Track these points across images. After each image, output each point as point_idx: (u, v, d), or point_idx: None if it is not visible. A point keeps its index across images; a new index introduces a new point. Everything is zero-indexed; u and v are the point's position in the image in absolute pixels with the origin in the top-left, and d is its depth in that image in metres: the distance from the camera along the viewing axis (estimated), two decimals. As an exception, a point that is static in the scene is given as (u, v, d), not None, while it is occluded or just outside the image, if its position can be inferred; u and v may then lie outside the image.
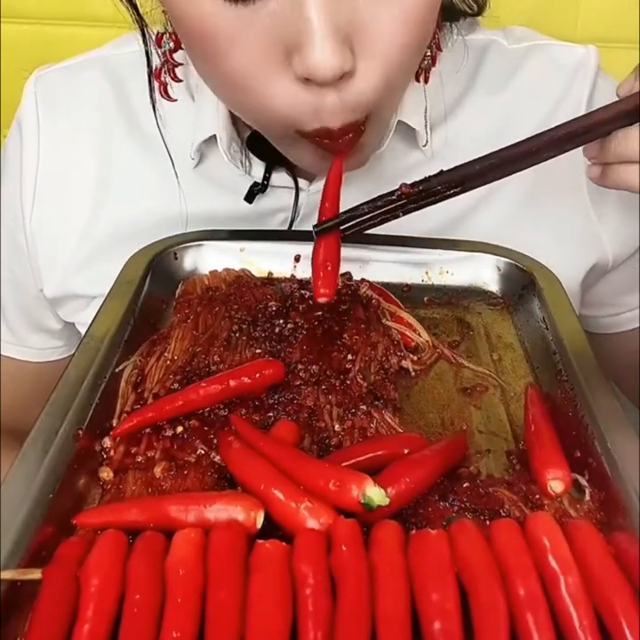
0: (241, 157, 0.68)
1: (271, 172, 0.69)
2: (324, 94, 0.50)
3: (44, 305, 0.79)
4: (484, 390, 0.54)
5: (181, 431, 0.47)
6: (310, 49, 0.46)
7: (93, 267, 0.74)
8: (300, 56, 0.47)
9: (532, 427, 0.48)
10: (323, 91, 0.50)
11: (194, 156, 0.69)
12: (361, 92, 0.51)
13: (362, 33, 0.49)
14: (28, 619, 0.35)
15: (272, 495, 0.40)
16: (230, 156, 0.68)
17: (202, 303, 0.60)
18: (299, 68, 0.48)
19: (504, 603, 0.35)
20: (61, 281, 0.75)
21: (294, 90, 0.50)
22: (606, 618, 0.34)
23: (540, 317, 0.59)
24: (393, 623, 0.34)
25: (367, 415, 0.49)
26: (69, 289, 0.75)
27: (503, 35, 0.73)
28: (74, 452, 0.43)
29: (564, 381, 0.51)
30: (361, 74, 0.50)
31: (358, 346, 0.55)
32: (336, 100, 0.50)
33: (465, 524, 0.40)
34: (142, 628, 0.34)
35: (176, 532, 0.38)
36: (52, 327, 0.82)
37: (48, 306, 0.79)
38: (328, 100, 0.50)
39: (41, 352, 0.84)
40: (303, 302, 0.58)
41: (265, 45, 0.48)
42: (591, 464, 0.44)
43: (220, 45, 0.49)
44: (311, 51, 0.46)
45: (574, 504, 0.42)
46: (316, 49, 0.46)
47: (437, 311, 0.64)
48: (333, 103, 0.50)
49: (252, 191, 0.69)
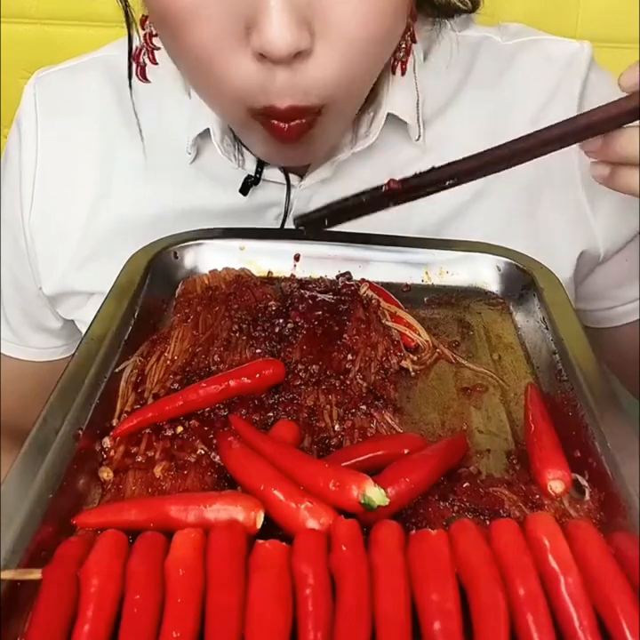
0: (234, 151, 0.69)
1: (263, 166, 0.69)
2: (276, 72, 0.50)
3: (44, 304, 0.79)
4: (484, 390, 0.54)
5: (181, 431, 0.47)
6: (266, 25, 0.47)
7: (92, 263, 0.74)
8: (257, 32, 0.48)
9: (532, 427, 0.48)
10: (276, 68, 0.50)
11: (190, 151, 0.70)
12: (316, 76, 0.51)
13: (322, 16, 0.49)
14: (28, 619, 0.35)
15: (272, 495, 0.40)
16: (223, 149, 0.68)
17: (202, 303, 0.60)
18: (255, 43, 0.49)
19: (504, 603, 0.35)
20: (60, 278, 0.75)
21: (250, 66, 0.51)
22: (606, 618, 0.34)
23: (539, 317, 0.59)
24: (393, 623, 0.34)
25: (367, 415, 0.49)
26: (68, 286, 0.75)
27: (497, 31, 0.73)
28: (74, 452, 0.43)
29: (563, 381, 0.51)
30: (318, 58, 0.51)
31: (358, 346, 0.55)
32: (287, 78, 0.51)
33: (465, 523, 0.40)
34: (142, 628, 0.34)
35: (176, 532, 0.38)
36: (52, 326, 0.82)
37: (48, 305, 0.79)
38: (279, 77, 0.51)
39: (41, 352, 0.84)
40: (303, 302, 0.58)
41: (225, 22, 0.49)
42: (591, 464, 0.44)
43: (182, 22, 0.50)
44: (267, 26, 0.47)
45: (574, 504, 0.42)
46: (271, 25, 0.47)
47: (437, 311, 0.64)
48: (284, 81, 0.51)
49: (247, 183, 0.70)
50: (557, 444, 0.46)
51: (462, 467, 0.46)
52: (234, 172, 0.70)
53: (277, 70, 0.50)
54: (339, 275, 0.63)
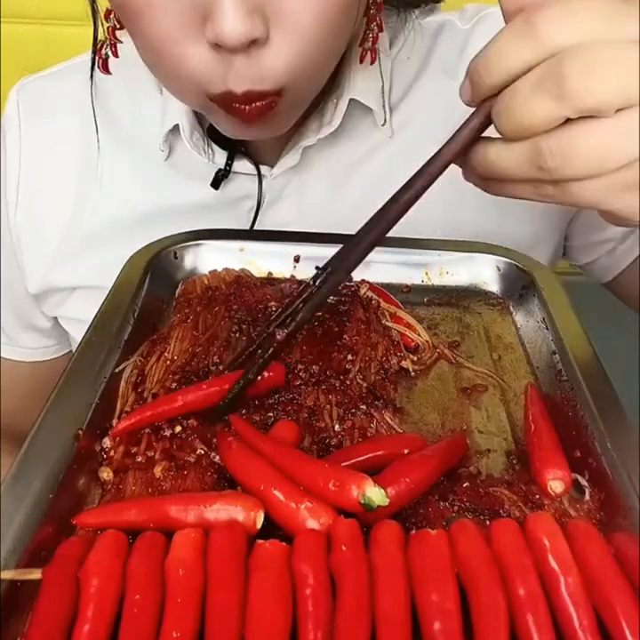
0: (203, 145, 0.70)
1: (233, 159, 0.70)
2: (233, 59, 0.51)
3: (33, 304, 0.80)
4: (484, 390, 0.54)
5: (180, 431, 0.47)
6: (219, 15, 0.48)
7: (75, 260, 0.75)
8: (211, 22, 0.49)
9: (532, 427, 0.47)
10: (232, 56, 0.51)
11: (162, 148, 0.71)
12: (272, 62, 0.52)
13: (275, 4, 0.50)
14: (28, 619, 0.35)
15: (272, 495, 0.40)
16: (193, 144, 0.69)
17: (202, 303, 0.60)
18: (209, 33, 0.50)
19: (504, 603, 0.35)
20: (42, 276, 0.77)
21: (207, 55, 0.52)
22: (606, 618, 0.34)
23: (539, 317, 0.59)
24: (393, 623, 0.34)
25: (367, 415, 0.49)
26: (50, 283, 0.77)
27: (458, 15, 0.74)
28: (74, 452, 0.43)
29: (563, 381, 0.51)
30: (273, 45, 0.51)
31: (358, 346, 0.55)
32: (244, 65, 0.52)
33: (465, 524, 0.40)
34: (142, 628, 0.34)
35: (176, 532, 0.38)
36: (42, 326, 0.83)
37: (36, 304, 0.80)
38: (236, 64, 0.51)
39: (34, 351, 0.84)
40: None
41: (181, 11, 0.50)
42: (591, 464, 0.44)
43: (140, 13, 0.52)
44: (220, 17, 0.48)
45: (574, 504, 0.42)
46: (224, 15, 0.48)
47: (437, 311, 0.64)
48: (240, 67, 0.52)
49: (218, 177, 0.71)
50: (557, 444, 0.46)
51: (462, 467, 0.46)
52: (206, 167, 0.71)
53: (234, 58, 0.51)
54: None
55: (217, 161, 0.71)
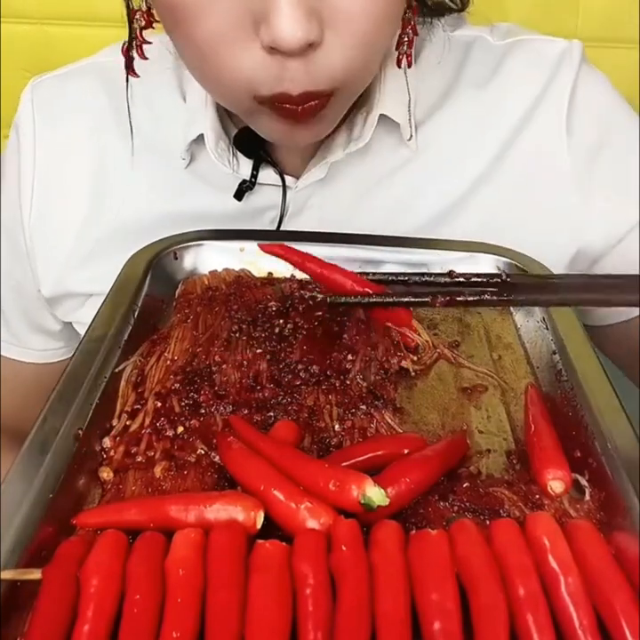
0: (228, 156, 0.69)
1: (258, 170, 0.69)
2: (288, 62, 0.51)
3: (44, 306, 0.79)
4: (484, 390, 0.54)
5: (182, 431, 0.47)
6: (276, 19, 0.48)
7: (89, 265, 0.74)
8: (267, 26, 0.49)
9: (532, 427, 0.47)
10: (287, 58, 0.51)
11: (184, 156, 0.71)
12: (327, 64, 0.52)
13: (330, 5, 0.50)
14: (28, 619, 0.35)
15: (272, 495, 0.40)
16: (217, 154, 0.69)
17: (202, 303, 0.60)
18: (265, 37, 0.49)
19: (504, 603, 0.35)
20: (58, 280, 0.76)
21: (260, 57, 0.51)
22: (606, 618, 0.34)
23: (539, 317, 0.59)
24: (393, 623, 0.34)
25: (367, 415, 0.49)
26: (66, 287, 0.76)
27: (489, 31, 0.73)
28: (74, 452, 0.43)
29: (563, 381, 0.51)
30: (328, 46, 0.51)
31: (358, 346, 0.55)
32: (300, 67, 0.51)
33: (465, 524, 0.39)
34: (142, 628, 0.34)
35: (176, 531, 0.38)
36: (51, 328, 0.82)
37: (47, 307, 0.79)
38: (291, 66, 0.51)
39: (41, 353, 0.84)
40: (303, 302, 0.58)
41: (233, 14, 0.50)
42: (591, 464, 0.44)
43: (190, 14, 0.51)
44: (277, 21, 0.48)
45: (574, 504, 0.42)
46: (281, 19, 0.47)
47: (437, 311, 0.64)
48: (297, 70, 0.51)
49: (241, 189, 0.70)
50: (557, 443, 0.46)
51: (462, 467, 0.46)
52: (228, 176, 0.70)
53: (289, 60, 0.51)
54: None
55: (241, 172, 0.70)
